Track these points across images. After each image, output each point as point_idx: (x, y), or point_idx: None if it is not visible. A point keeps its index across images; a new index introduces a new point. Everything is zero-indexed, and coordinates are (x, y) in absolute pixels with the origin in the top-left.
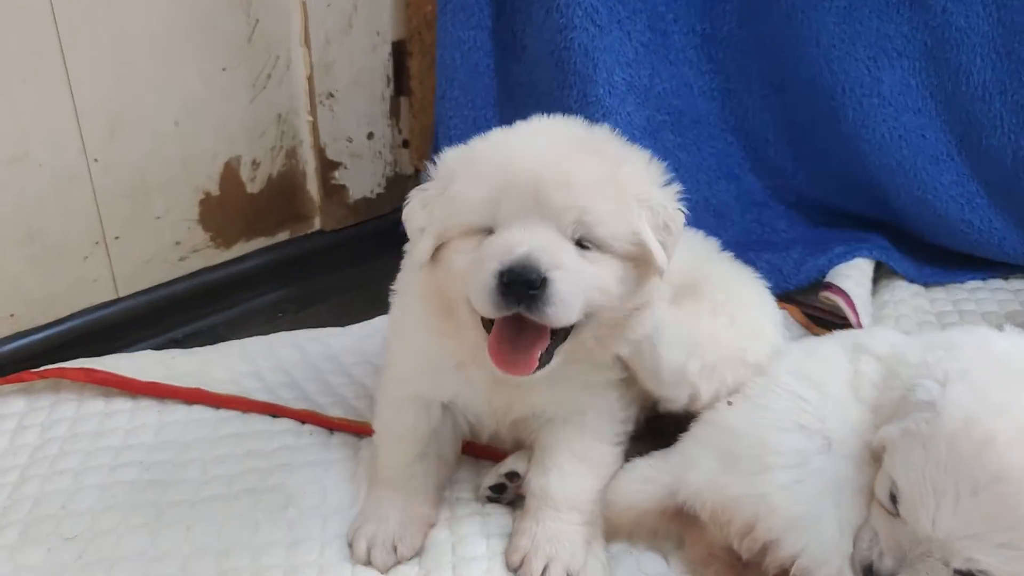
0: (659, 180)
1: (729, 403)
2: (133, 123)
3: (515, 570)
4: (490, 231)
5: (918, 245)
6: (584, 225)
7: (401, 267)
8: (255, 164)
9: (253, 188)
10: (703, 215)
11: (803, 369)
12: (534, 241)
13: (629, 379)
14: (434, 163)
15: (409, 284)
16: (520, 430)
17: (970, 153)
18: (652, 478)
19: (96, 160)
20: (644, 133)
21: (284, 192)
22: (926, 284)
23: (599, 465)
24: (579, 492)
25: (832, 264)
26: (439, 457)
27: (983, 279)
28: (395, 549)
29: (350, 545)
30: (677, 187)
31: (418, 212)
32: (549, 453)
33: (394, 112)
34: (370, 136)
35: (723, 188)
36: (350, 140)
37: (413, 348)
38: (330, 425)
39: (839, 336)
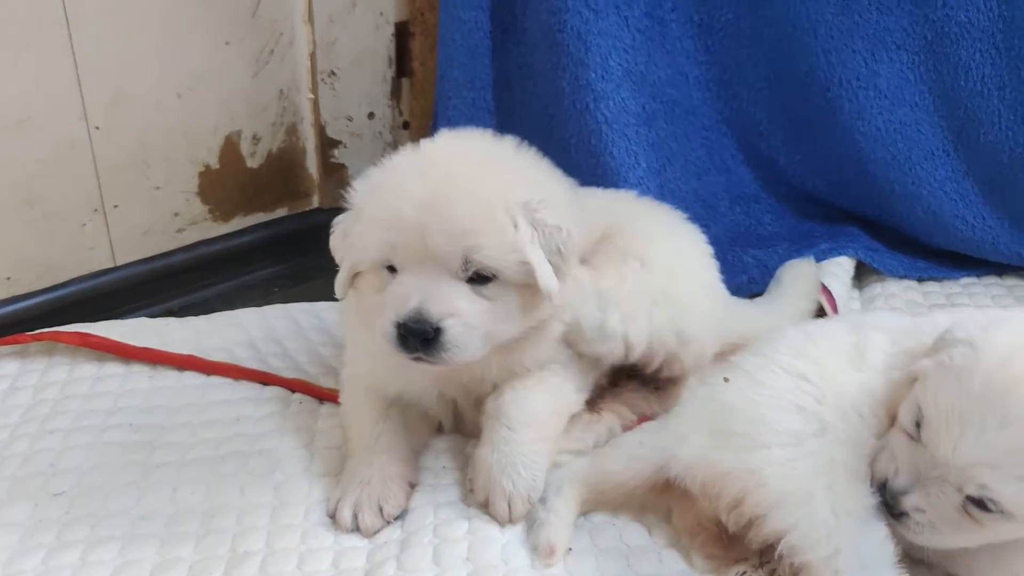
0: (558, 197)
1: (726, 379)
2: (136, 92)
3: (484, 507)
4: (393, 268)
5: (911, 241)
6: (474, 263)
7: None
8: (255, 139)
9: (253, 163)
10: (692, 206)
11: (804, 349)
12: (425, 290)
13: None
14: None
15: None
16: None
17: (966, 149)
18: (641, 456)
19: (97, 128)
20: (639, 120)
21: (283, 168)
22: (919, 279)
23: (555, 390)
24: (533, 410)
25: (818, 260)
26: (403, 420)
27: (978, 275)
28: (381, 510)
29: (332, 517)
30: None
31: (339, 242)
32: (506, 381)
33: (395, 93)
34: (371, 116)
35: (713, 180)
36: (350, 119)
37: (360, 347)
38: (320, 395)
39: (840, 318)
